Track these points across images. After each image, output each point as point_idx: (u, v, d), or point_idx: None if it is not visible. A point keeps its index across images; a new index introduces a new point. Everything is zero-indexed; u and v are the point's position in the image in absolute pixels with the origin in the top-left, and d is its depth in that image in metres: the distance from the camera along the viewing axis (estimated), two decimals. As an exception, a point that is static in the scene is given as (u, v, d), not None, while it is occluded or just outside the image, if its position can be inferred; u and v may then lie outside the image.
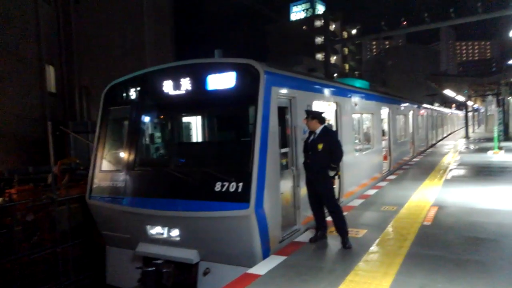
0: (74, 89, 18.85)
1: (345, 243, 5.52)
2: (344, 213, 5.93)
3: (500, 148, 17.23)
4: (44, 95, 16.88)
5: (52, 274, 7.52)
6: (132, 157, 6.37)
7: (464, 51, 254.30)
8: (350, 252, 5.35)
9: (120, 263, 6.53)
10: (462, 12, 20.25)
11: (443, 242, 5.60)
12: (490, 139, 21.14)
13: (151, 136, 6.97)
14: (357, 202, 8.42)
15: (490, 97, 36.27)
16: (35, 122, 15.96)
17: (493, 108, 32.48)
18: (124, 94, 6.77)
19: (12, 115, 14.78)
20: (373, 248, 5.46)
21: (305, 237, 6.07)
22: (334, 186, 6.10)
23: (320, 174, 5.60)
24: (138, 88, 6.63)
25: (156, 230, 5.94)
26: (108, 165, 6.76)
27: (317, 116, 5.71)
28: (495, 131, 18.00)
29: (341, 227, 5.62)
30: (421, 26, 20.92)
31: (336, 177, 5.94)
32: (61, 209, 7.79)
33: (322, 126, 5.70)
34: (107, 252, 6.81)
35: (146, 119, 6.86)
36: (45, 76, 17.06)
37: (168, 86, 6.15)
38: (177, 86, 6.06)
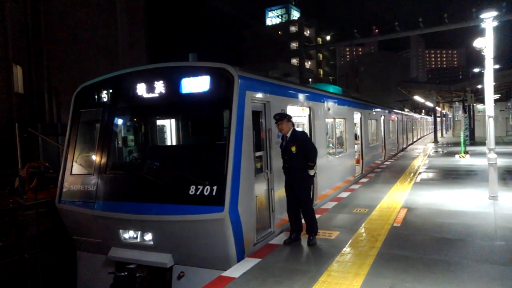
0: (43, 90, 18.24)
1: (310, 241, 5.79)
2: (318, 216, 6.07)
3: (466, 152, 17.95)
4: (11, 96, 16.28)
5: (20, 281, 7.25)
6: (104, 160, 6.25)
7: (433, 59, 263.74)
8: (323, 254, 5.45)
9: (92, 269, 6.38)
10: (430, 22, 21.09)
11: (412, 243, 5.79)
12: (457, 144, 21.97)
13: (124, 139, 6.86)
14: (330, 205, 8.57)
15: (457, 104, 37.76)
16: (2, 124, 15.37)
17: (460, 114, 33.85)
18: (96, 96, 6.64)
19: (-24, 117, 14.17)
20: (346, 249, 5.58)
21: (279, 239, 6.13)
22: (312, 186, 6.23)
23: (299, 176, 5.75)
24: (111, 90, 6.52)
25: (129, 235, 5.84)
26: (79, 168, 6.60)
27: (290, 118, 5.89)
28: (462, 136, 18.77)
29: (311, 229, 5.85)
30: (391, 34, 21.68)
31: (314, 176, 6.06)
32: (29, 214, 7.53)
33: (292, 128, 5.86)
34: (78, 258, 6.64)
35: (119, 122, 6.74)
36: (12, 76, 16.45)
37: (141, 89, 6.08)
38: (150, 89, 6.01)
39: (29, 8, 17.79)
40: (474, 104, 31.57)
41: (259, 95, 6.13)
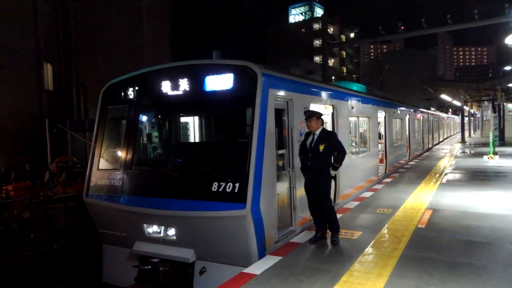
0: (71, 87, 18.84)
1: (333, 240, 5.74)
2: (340, 215, 6.02)
3: (495, 153, 17.37)
4: (42, 92, 16.87)
5: (48, 271, 7.52)
6: (129, 156, 6.39)
7: (461, 57, 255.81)
8: (345, 253, 5.41)
9: (117, 261, 6.55)
10: (459, 18, 20.45)
11: (436, 245, 5.66)
12: (486, 144, 21.29)
13: (149, 136, 6.99)
14: (353, 204, 8.48)
15: (486, 103, 36.51)
16: (32, 120, 15.95)
17: (489, 114, 32.72)
18: (123, 93, 6.80)
19: (9, 112, 14.77)
20: (368, 249, 5.51)
21: (301, 238, 6.12)
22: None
23: (322, 174, 5.73)
24: (137, 88, 6.65)
25: (153, 229, 5.97)
26: (106, 163, 6.77)
27: (321, 116, 5.89)
28: (491, 136, 18.16)
29: (334, 227, 5.81)
30: (418, 31, 21.09)
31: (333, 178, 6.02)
32: (58, 207, 7.80)
33: (321, 127, 5.84)
34: (104, 250, 6.82)
35: (144, 118, 6.88)
36: (42, 74, 17.04)
37: (166, 86, 6.18)
38: (175, 86, 6.10)
39: (59, 8, 18.36)
40: (505, 104, 30.46)
41: (282, 93, 6.12)
